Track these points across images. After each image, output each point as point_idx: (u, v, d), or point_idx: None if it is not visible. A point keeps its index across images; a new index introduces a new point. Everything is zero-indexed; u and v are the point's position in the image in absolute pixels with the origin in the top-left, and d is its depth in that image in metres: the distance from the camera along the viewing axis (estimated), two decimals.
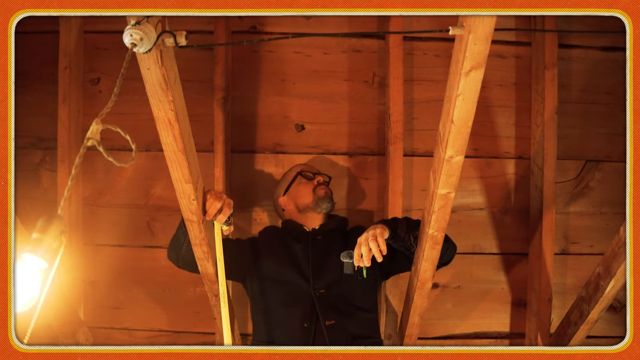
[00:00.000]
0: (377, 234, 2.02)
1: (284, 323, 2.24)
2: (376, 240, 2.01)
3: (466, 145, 1.71)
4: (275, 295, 2.29)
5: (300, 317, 2.21)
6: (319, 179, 2.47)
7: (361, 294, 2.28)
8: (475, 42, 1.46)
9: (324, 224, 2.43)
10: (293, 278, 2.28)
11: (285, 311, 2.25)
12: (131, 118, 2.60)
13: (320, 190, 2.43)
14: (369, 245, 2.00)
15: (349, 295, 2.25)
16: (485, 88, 2.47)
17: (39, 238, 1.25)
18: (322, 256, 2.31)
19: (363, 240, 2.03)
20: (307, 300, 2.23)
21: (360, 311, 2.26)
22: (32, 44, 2.62)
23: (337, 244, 2.33)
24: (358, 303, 2.26)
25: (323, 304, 2.22)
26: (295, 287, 2.26)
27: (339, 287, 2.25)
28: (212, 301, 2.35)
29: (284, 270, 2.30)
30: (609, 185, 2.71)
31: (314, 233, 2.39)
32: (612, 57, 2.68)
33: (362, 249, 2.01)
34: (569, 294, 2.70)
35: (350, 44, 2.69)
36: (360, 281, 2.20)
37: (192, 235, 2.03)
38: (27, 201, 2.64)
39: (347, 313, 2.23)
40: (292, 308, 2.24)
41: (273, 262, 2.33)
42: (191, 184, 1.84)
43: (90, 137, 1.33)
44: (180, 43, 1.47)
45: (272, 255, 2.34)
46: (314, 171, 2.51)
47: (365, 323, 2.27)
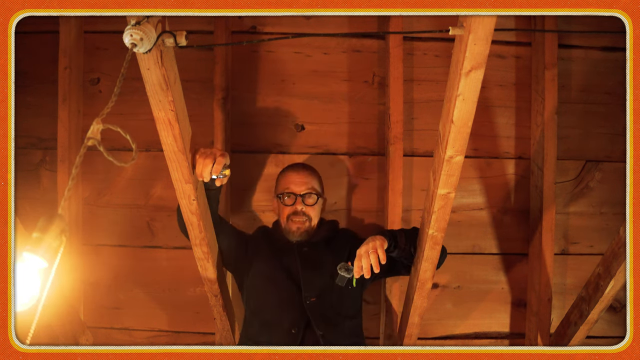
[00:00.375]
0: (377, 245, 2.02)
1: (273, 325, 2.25)
2: (376, 252, 2.01)
3: (466, 145, 1.71)
4: (268, 295, 2.30)
5: (289, 323, 2.23)
6: (296, 208, 2.36)
7: (349, 302, 2.30)
8: (475, 42, 1.47)
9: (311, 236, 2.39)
10: (285, 282, 2.29)
11: (275, 313, 2.26)
12: (131, 118, 2.60)
13: (292, 225, 2.35)
14: (369, 258, 2.00)
15: (338, 304, 2.27)
16: (485, 88, 2.46)
17: (39, 237, 1.25)
18: (311, 267, 2.31)
19: (363, 252, 2.02)
20: (298, 307, 2.24)
21: (347, 320, 2.28)
22: (32, 44, 2.62)
23: (326, 255, 2.33)
24: (345, 311, 2.28)
25: (314, 313, 2.23)
26: (287, 292, 2.27)
27: (329, 296, 2.26)
28: (212, 301, 2.35)
29: (276, 272, 2.31)
30: (609, 185, 2.71)
31: (299, 245, 2.36)
32: (612, 57, 2.68)
33: (362, 262, 2.01)
34: (569, 294, 2.70)
35: (350, 44, 2.69)
36: (349, 290, 2.23)
37: (192, 235, 2.03)
38: (27, 201, 2.64)
39: (335, 323, 2.24)
40: (282, 312, 2.25)
41: (265, 262, 2.34)
42: (191, 184, 1.84)
43: (90, 137, 1.33)
44: (180, 43, 1.48)
45: (264, 256, 2.35)
46: (298, 193, 2.36)
47: (350, 331, 2.28)
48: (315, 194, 2.37)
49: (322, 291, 2.26)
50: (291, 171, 2.43)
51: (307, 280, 2.28)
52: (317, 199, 2.38)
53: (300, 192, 2.37)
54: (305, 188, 2.37)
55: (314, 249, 2.36)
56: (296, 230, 2.35)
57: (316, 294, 2.26)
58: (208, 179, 1.86)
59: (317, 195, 2.38)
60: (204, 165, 1.84)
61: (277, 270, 2.31)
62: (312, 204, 2.37)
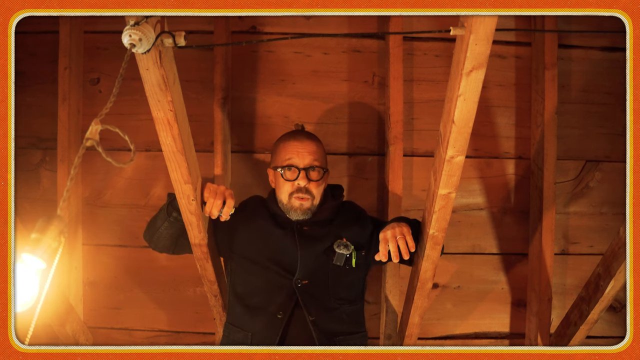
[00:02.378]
0: (404, 232, 1.97)
1: (259, 310, 2.12)
2: (404, 238, 1.96)
3: (467, 146, 1.71)
4: (254, 279, 2.15)
5: (276, 306, 2.10)
6: (299, 184, 2.14)
7: (347, 284, 2.17)
8: (476, 42, 1.47)
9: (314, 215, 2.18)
10: (273, 265, 2.13)
11: (262, 298, 2.13)
12: (131, 118, 2.60)
13: (294, 201, 2.13)
14: (396, 243, 1.95)
15: (334, 286, 2.14)
16: (485, 88, 2.46)
17: (37, 238, 1.25)
18: (307, 247, 2.14)
19: (390, 237, 1.96)
20: (287, 290, 2.11)
21: (345, 304, 2.16)
22: (32, 44, 2.62)
23: (328, 235, 2.16)
24: (343, 294, 2.16)
25: (305, 296, 2.11)
26: (275, 275, 2.12)
27: (323, 278, 2.13)
28: (212, 301, 2.35)
29: (265, 254, 2.14)
30: (609, 186, 2.71)
31: (299, 224, 2.17)
32: (612, 57, 2.68)
33: (389, 246, 1.95)
34: (569, 294, 2.70)
35: (350, 44, 2.69)
36: (348, 271, 2.14)
37: (192, 235, 2.03)
38: (27, 201, 2.64)
39: (330, 307, 2.13)
40: (269, 296, 2.12)
41: (253, 243, 2.16)
42: (190, 184, 1.84)
43: (89, 138, 1.33)
44: (179, 43, 1.48)
45: (252, 234, 2.17)
46: (301, 166, 2.14)
47: (349, 317, 2.18)
48: (320, 168, 2.16)
49: (315, 273, 2.13)
50: (293, 140, 2.18)
51: (304, 262, 2.12)
52: (324, 173, 2.17)
53: (304, 165, 2.13)
54: (309, 160, 2.14)
55: (315, 227, 2.17)
56: (299, 208, 2.13)
57: (308, 275, 2.12)
58: (216, 216, 1.98)
59: (323, 170, 2.17)
60: (215, 206, 1.97)
61: (267, 251, 2.14)
62: (317, 179, 2.14)
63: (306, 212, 2.15)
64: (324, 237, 2.16)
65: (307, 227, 2.17)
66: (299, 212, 2.14)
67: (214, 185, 2.00)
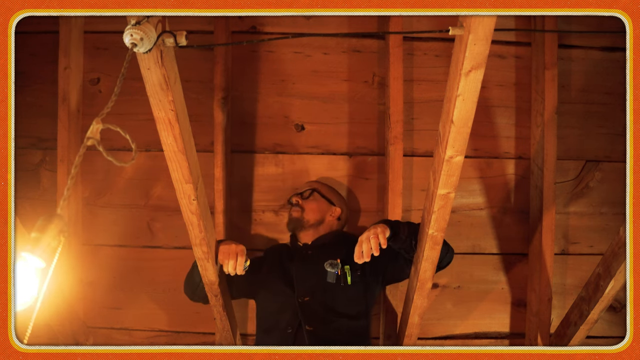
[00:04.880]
0: (378, 232, 2.06)
1: (273, 329, 2.30)
2: (377, 237, 2.04)
3: (466, 146, 1.71)
4: (267, 305, 2.36)
5: (285, 323, 2.27)
6: (292, 200, 2.52)
7: (346, 301, 2.30)
8: (475, 42, 1.46)
9: (317, 239, 2.46)
10: (282, 288, 2.33)
11: (274, 318, 2.32)
12: (131, 118, 2.60)
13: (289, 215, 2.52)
14: (369, 242, 2.04)
15: (332, 302, 2.29)
16: (485, 88, 2.46)
17: (37, 237, 1.25)
18: (308, 267, 2.35)
19: (364, 238, 2.07)
20: (292, 307, 2.28)
21: (344, 318, 2.28)
22: (32, 44, 2.62)
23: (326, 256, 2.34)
24: (342, 310, 2.29)
25: (305, 311, 2.26)
26: (283, 297, 2.32)
27: (323, 295, 2.29)
28: (212, 301, 2.34)
29: (276, 282, 2.36)
30: (609, 185, 2.71)
31: (305, 248, 2.45)
32: (612, 57, 2.68)
33: (362, 247, 2.05)
34: (569, 294, 2.70)
35: (350, 44, 2.69)
36: (344, 288, 2.28)
37: (192, 235, 2.03)
38: (27, 201, 2.64)
39: (327, 320, 2.26)
40: (279, 315, 2.30)
41: (269, 276, 2.38)
42: (191, 184, 1.84)
43: (90, 137, 1.33)
44: (181, 43, 1.48)
45: (269, 270, 2.40)
46: (298, 191, 2.55)
47: (349, 330, 2.29)
48: (311, 190, 2.51)
49: (315, 291, 2.30)
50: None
51: (300, 281, 2.32)
52: (311, 192, 2.50)
53: (301, 190, 2.53)
54: (306, 187, 2.53)
55: (319, 251, 2.39)
56: (289, 218, 2.50)
57: (310, 293, 2.29)
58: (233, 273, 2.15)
59: (312, 190, 2.50)
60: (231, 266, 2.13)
61: (278, 279, 2.36)
62: (306, 197, 2.50)
63: (298, 222, 2.47)
64: (320, 258, 2.34)
65: (311, 251, 2.42)
66: (292, 222, 2.47)
67: (226, 245, 2.15)
